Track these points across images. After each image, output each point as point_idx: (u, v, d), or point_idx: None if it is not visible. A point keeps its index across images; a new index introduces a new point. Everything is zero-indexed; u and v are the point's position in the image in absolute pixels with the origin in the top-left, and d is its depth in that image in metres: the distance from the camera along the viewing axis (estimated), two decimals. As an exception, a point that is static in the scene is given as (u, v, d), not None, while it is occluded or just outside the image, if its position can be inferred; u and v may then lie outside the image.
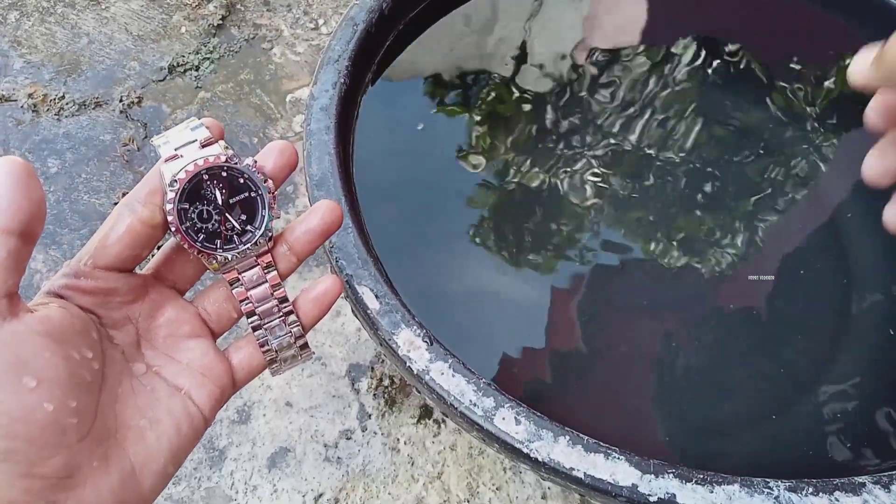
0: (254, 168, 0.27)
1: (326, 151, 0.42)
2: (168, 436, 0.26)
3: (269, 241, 0.29)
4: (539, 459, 0.33)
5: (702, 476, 0.32)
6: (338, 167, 0.41)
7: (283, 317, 0.29)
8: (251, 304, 0.29)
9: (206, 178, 0.27)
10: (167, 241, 0.29)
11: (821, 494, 0.32)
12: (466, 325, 0.46)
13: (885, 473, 0.33)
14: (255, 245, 0.28)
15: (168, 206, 0.26)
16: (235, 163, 0.27)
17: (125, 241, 0.26)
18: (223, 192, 0.27)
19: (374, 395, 0.57)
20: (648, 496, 0.32)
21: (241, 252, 0.28)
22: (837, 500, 0.32)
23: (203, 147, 0.27)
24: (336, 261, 0.38)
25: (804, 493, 0.32)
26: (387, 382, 0.58)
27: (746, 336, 0.46)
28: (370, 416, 0.56)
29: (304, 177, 0.41)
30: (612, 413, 0.44)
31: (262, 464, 0.54)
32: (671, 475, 0.32)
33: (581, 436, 0.33)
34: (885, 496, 0.32)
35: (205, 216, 0.27)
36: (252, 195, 0.28)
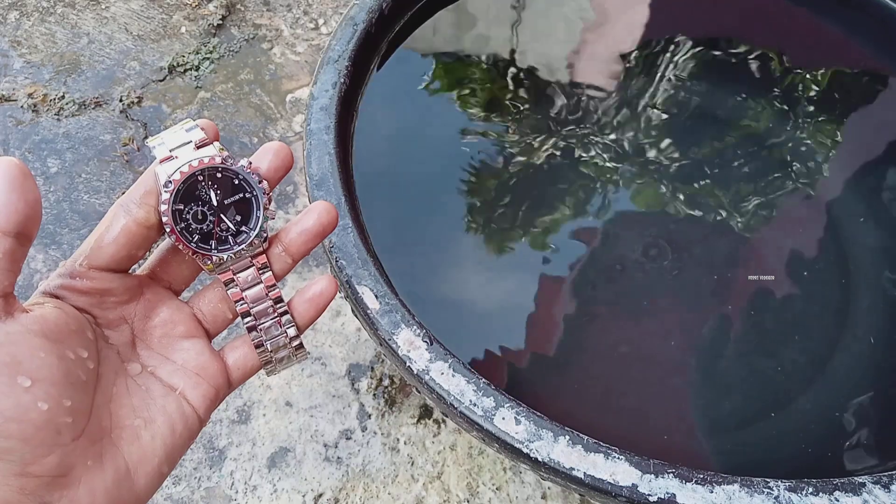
0: (248, 169, 0.27)
1: (326, 151, 0.42)
2: (162, 435, 0.26)
3: (264, 242, 0.29)
4: (539, 459, 0.33)
5: (702, 476, 0.32)
6: (338, 167, 0.41)
7: (278, 317, 0.29)
8: (246, 305, 0.29)
9: (201, 180, 0.27)
10: (162, 242, 0.29)
11: (821, 494, 0.32)
12: (466, 324, 0.46)
13: (885, 473, 0.33)
14: (250, 246, 0.28)
15: (163, 207, 0.26)
16: (230, 164, 0.27)
17: (120, 242, 0.26)
18: (218, 193, 0.27)
19: (374, 395, 0.57)
20: (648, 496, 0.32)
21: (236, 253, 0.28)
22: (837, 500, 0.31)
23: (198, 148, 0.27)
24: (336, 261, 0.38)
25: (804, 493, 0.32)
26: (387, 382, 0.58)
27: (745, 336, 0.46)
28: (370, 416, 0.56)
29: (304, 177, 0.41)
30: (612, 413, 0.44)
31: (262, 464, 0.54)
32: (671, 475, 0.32)
33: (581, 435, 0.33)
34: (885, 496, 0.32)
35: (199, 217, 0.27)
36: (247, 196, 0.28)
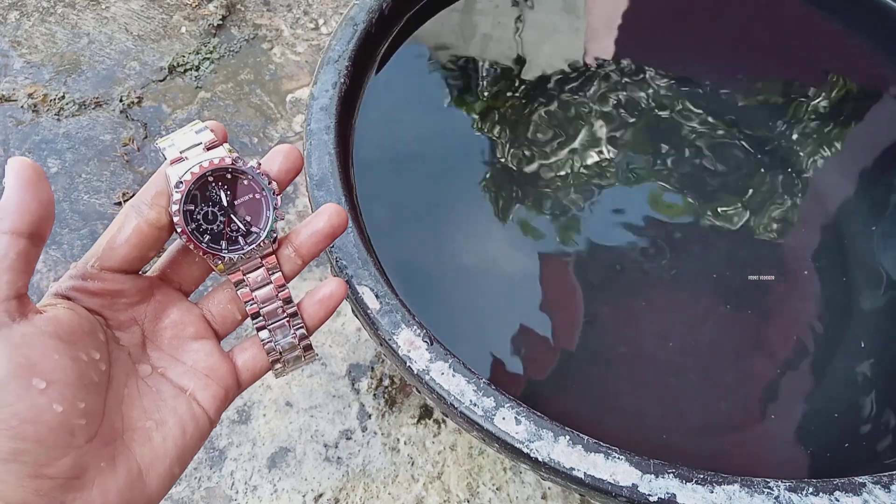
0: (258, 170, 0.27)
1: (326, 151, 0.42)
2: (174, 437, 0.26)
3: (274, 243, 0.29)
4: (539, 459, 0.33)
5: (702, 476, 0.32)
6: (338, 167, 0.41)
7: (288, 318, 0.29)
8: (256, 305, 0.29)
9: (212, 180, 0.27)
10: (173, 244, 0.29)
11: (821, 494, 0.32)
12: (465, 324, 0.46)
13: (885, 473, 0.33)
14: (260, 246, 0.28)
15: (174, 208, 0.26)
16: (240, 165, 0.27)
17: (132, 243, 0.26)
18: (228, 194, 0.27)
19: (375, 395, 0.57)
20: (648, 496, 0.32)
21: (246, 253, 0.28)
22: (837, 500, 0.32)
23: (208, 150, 0.27)
24: (336, 261, 0.38)
25: (804, 493, 0.32)
26: (387, 382, 0.58)
27: (744, 335, 0.46)
28: (370, 416, 0.56)
29: (305, 177, 0.41)
30: (610, 413, 0.44)
31: (263, 464, 0.54)
32: (671, 475, 0.32)
33: (581, 436, 0.33)
34: (885, 496, 0.32)
35: (210, 217, 0.27)
36: (256, 196, 0.28)
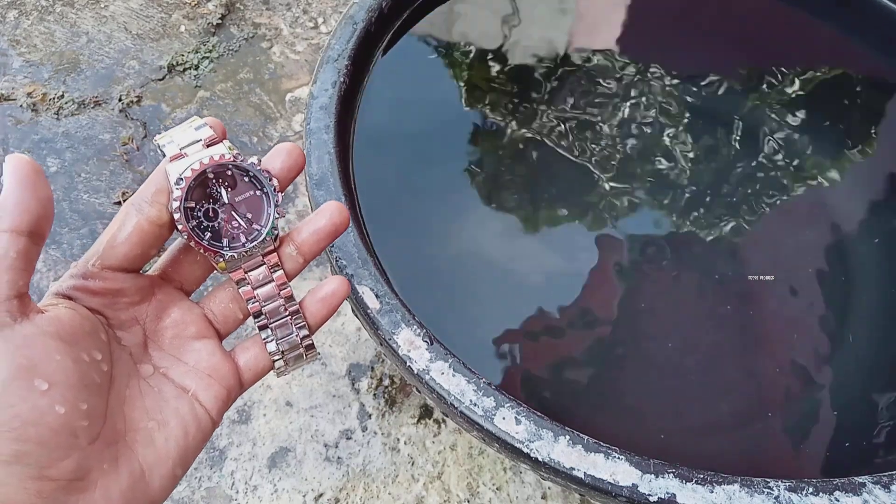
0: (258, 167, 0.27)
1: (326, 150, 0.42)
2: (176, 437, 0.26)
3: (276, 240, 0.29)
4: (539, 459, 0.33)
5: (702, 476, 0.32)
6: (338, 166, 0.41)
7: (290, 316, 0.29)
8: (258, 304, 0.29)
9: (212, 177, 0.27)
10: (174, 242, 0.29)
11: (821, 494, 0.32)
12: (465, 325, 0.46)
13: (885, 473, 0.33)
14: (262, 243, 0.28)
15: (174, 205, 0.26)
16: (240, 161, 0.27)
17: (133, 241, 0.26)
18: (229, 191, 0.27)
19: (375, 395, 0.57)
20: (648, 496, 0.32)
21: (248, 250, 0.28)
22: (837, 500, 0.32)
23: (207, 146, 0.27)
24: (336, 260, 0.38)
25: (804, 493, 0.32)
26: (387, 382, 0.58)
27: (744, 335, 0.46)
28: (370, 416, 0.56)
29: (304, 176, 0.41)
30: (610, 412, 0.44)
31: (263, 464, 0.54)
32: (671, 475, 0.32)
33: (581, 435, 0.33)
34: (885, 496, 0.32)
35: (211, 214, 0.27)
36: (257, 194, 0.28)
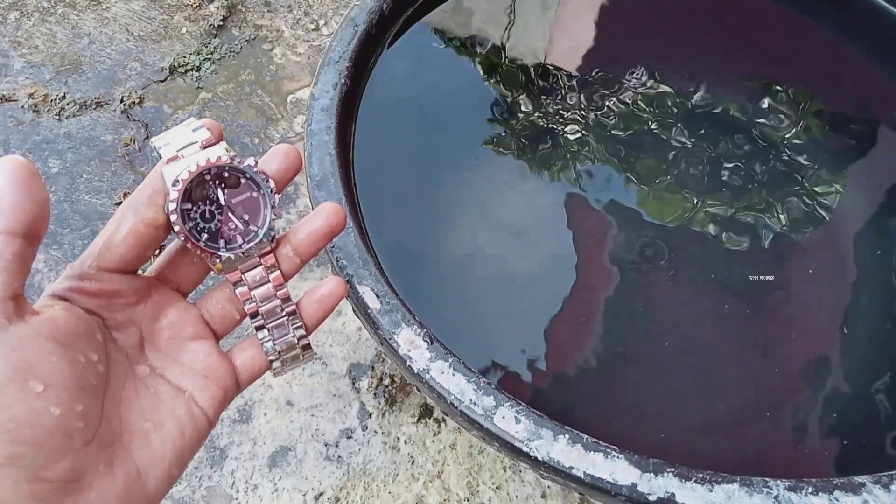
0: (255, 168, 0.27)
1: (327, 152, 0.42)
2: (172, 439, 0.26)
3: (272, 241, 0.29)
4: (538, 458, 0.33)
5: (701, 475, 0.32)
6: (339, 167, 0.41)
7: (287, 317, 0.29)
8: (254, 304, 0.29)
9: (209, 179, 0.27)
10: (170, 244, 0.29)
11: (820, 494, 0.32)
12: (464, 325, 0.46)
13: (885, 473, 0.33)
14: (259, 245, 0.28)
15: (171, 207, 0.26)
16: (237, 163, 0.27)
17: (129, 243, 0.26)
18: (225, 193, 0.27)
19: (375, 395, 0.57)
20: (648, 495, 0.32)
21: (245, 251, 0.28)
22: (837, 500, 0.31)
23: (204, 148, 0.27)
24: (337, 260, 0.38)
25: (804, 493, 0.32)
26: (387, 381, 0.58)
27: (742, 335, 0.46)
28: (371, 415, 0.56)
29: (305, 177, 0.41)
30: (609, 412, 0.44)
31: (263, 463, 0.54)
32: (671, 474, 0.32)
33: (581, 434, 0.33)
34: (885, 496, 0.32)
35: (208, 216, 0.27)
36: (254, 195, 0.28)
